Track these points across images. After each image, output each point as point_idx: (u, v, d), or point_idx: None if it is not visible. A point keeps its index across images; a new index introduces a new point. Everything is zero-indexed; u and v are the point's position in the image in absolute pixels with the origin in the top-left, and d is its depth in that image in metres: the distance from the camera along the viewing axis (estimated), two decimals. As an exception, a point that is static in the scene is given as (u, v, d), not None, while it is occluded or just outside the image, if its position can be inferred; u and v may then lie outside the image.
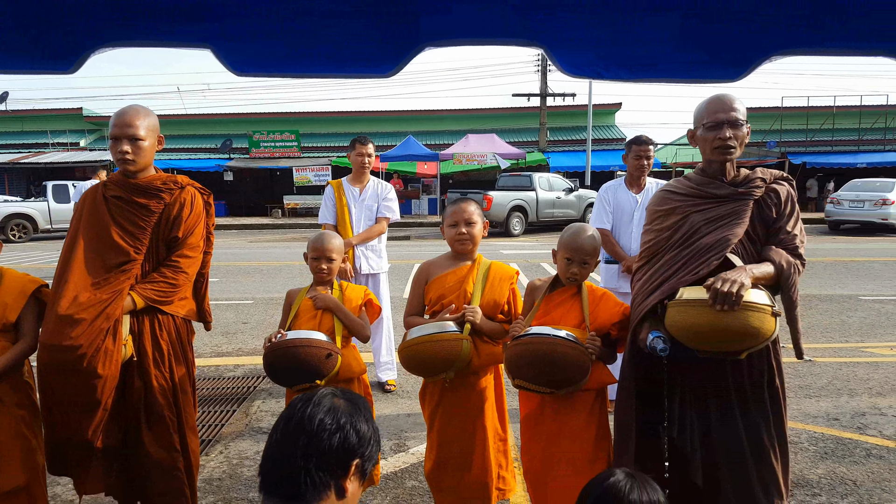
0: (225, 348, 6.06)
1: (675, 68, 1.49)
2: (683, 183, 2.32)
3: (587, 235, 2.41)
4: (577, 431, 2.34)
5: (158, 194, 2.55)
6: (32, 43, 1.39)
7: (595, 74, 1.48)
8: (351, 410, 1.31)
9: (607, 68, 1.47)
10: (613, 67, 1.48)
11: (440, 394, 2.62)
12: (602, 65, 1.46)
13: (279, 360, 2.48)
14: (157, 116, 2.62)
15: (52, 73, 1.44)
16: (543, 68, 26.67)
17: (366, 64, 1.44)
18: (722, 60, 1.47)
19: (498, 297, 2.59)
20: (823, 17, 1.35)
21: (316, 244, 2.78)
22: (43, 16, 1.38)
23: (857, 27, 1.35)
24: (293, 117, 30.94)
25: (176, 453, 2.56)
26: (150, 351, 2.51)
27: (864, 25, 1.34)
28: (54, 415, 2.34)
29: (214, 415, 4.30)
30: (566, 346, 2.18)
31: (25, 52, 1.40)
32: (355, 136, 4.78)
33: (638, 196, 4.11)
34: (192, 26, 1.40)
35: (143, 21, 1.39)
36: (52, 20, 1.39)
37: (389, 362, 4.84)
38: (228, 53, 1.42)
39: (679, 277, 2.12)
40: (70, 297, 2.31)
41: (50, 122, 30.40)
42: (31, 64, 1.41)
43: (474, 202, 2.69)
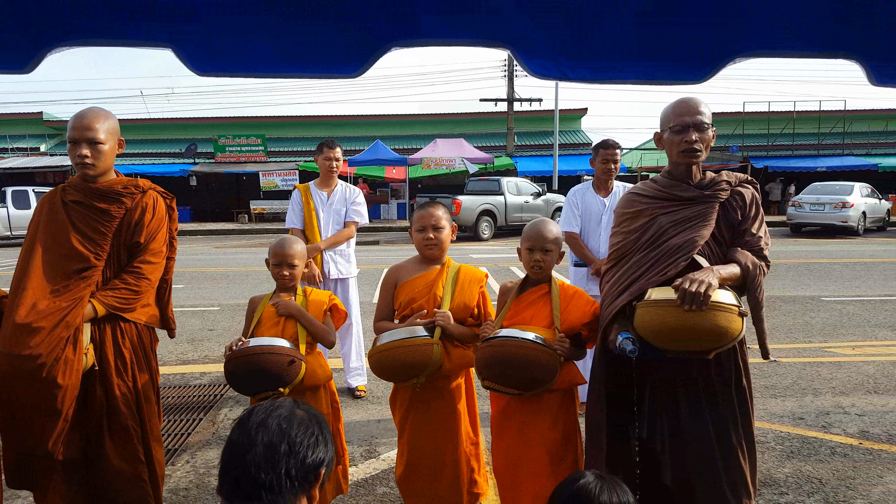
0: (191, 356, 5.94)
1: (639, 70, 1.50)
2: (650, 185, 2.35)
3: (545, 223, 2.47)
4: (542, 431, 2.35)
5: (119, 199, 2.48)
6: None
7: (560, 76, 1.48)
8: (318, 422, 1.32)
9: (572, 69, 1.48)
10: (578, 69, 1.48)
11: (411, 398, 2.60)
12: (567, 66, 1.47)
13: (240, 367, 2.42)
14: (120, 121, 2.55)
15: (6, 72, 1.39)
16: (510, 74, 26.88)
17: (331, 64, 1.41)
18: (686, 63, 1.49)
19: (468, 300, 2.58)
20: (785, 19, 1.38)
21: (277, 249, 2.73)
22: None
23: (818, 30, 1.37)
24: (259, 121, 30.62)
25: (140, 464, 2.49)
26: (112, 359, 2.43)
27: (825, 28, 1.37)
28: (12, 426, 2.25)
29: (180, 423, 4.20)
30: (533, 348, 2.19)
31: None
32: (323, 140, 4.74)
33: (606, 199, 4.15)
34: (152, 25, 1.35)
35: (101, 19, 1.34)
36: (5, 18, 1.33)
37: (359, 368, 4.80)
38: (190, 53, 1.39)
39: (647, 278, 2.14)
40: (28, 304, 2.23)
41: (9, 126, 29.57)
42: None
43: (442, 206, 2.68)
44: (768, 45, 1.42)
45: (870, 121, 27.77)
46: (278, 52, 1.39)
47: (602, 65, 1.49)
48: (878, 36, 1.44)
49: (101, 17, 1.34)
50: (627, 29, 1.43)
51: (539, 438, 2.35)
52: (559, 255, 2.49)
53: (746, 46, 1.43)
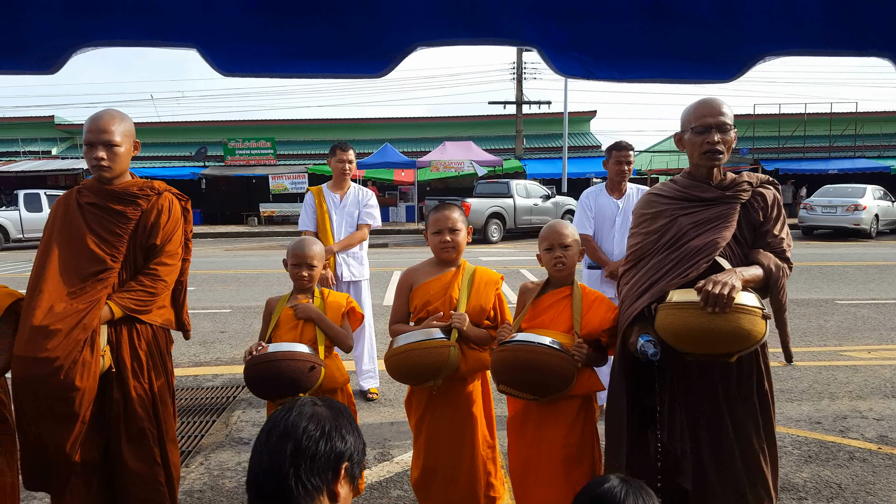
0: (203, 358, 5.95)
1: (666, 69, 1.48)
2: (670, 186, 2.32)
3: (559, 223, 2.49)
4: (559, 436, 2.33)
5: (135, 201, 2.48)
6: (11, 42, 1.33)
7: (587, 75, 1.46)
8: (333, 416, 1.30)
9: (599, 69, 1.46)
10: (605, 68, 1.46)
11: (427, 401, 2.58)
12: (594, 66, 1.45)
13: (261, 373, 2.41)
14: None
15: (31, 73, 1.39)
16: (519, 76, 26.86)
17: (356, 64, 1.40)
18: (714, 62, 1.46)
19: (484, 302, 2.57)
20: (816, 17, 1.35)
21: (296, 250, 2.72)
22: (22, 14, 1.32)
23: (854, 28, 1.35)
24: (269, 125, 30.74)
25: (157, 466, 2.48)
26: (129, 361, 2.43)
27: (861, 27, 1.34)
28: (31, 429, 2.25)
29: (194, 425, 4.20)
30: (550, 354, 2.17)
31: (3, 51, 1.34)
32: (334, 143, 4.74)
33: (619, 201, 4.13)
34: (178, 26, 1.35)
35: (127, 20, 1.33)
36: (31, 19, 1.33)
37: (372, 370, 4.79)
38: (215, 54, 1.38)
39: (668, 280, 2.12)
40: (45, 307, 2.23)
41: (21, 130, 29.84)
42: (9, 64, 1.35)
43: (458, 209, 2.67)
44: (798, 43, 1.39)
45: (882, 123, 27.55)
46: (302, 52, 1.38)
47: (629, 64, 1.46)
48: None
49: (127, 17, 1.34)
50: (655, 27, 1.40)
51: (555, 443, 2.33)
52: (579, 252, 2.47)
53: (777, 45, 1.40)
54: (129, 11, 1.33)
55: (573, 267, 2.46)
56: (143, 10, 1.33)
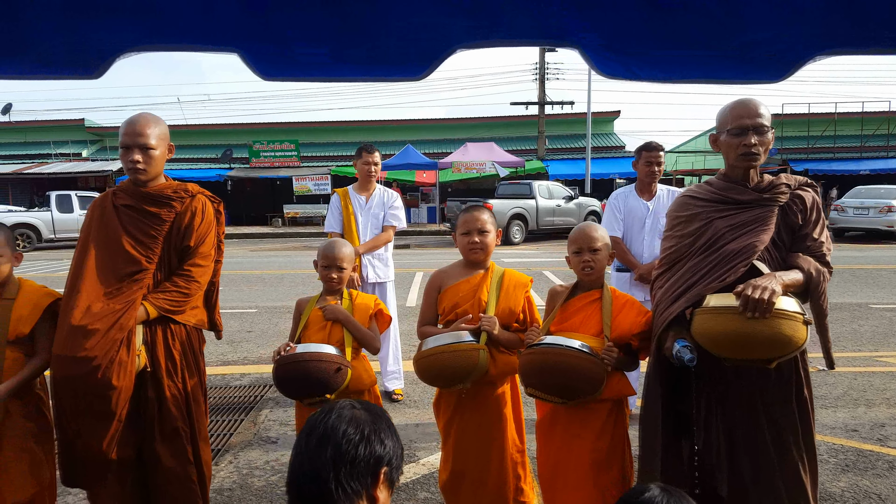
0: (230, 357, 6.01)
1: (712, 69, 1.45)
2: (705, 188, 2.29)
3: (588, 225, 2.46)
4: (588, 440, 2.30)
5: (170, 203, 2.51)
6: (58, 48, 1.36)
7: (630, 75, 1.44)
8: (372, 420, 1.29)
9: (642, 69, 1.43)
10: (648, 68, 1.44)
11: (455, 404, 2.57)
12: (636, 66, 1.43)
13: (289, 373, 2.44)
14: None
15: (77, 77, 1.41)
16: (542, 77, 26.74)
17: (396, 67, 1.40)
18: (762, 61, 1.43)
19: (513, 305, 2.55)
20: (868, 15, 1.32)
21: (327, 252, 2.73)
22: (69, 20, 1.34)
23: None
24: (293, 127, 30.99)
25: (189, 465, 2.51)
26: (164, 361, 2.46)
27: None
28: (69, 427, 2.29)
29: (222, 424, 4.24)
30: (578, 357, 2.15)
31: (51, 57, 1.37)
32: (360, 145, 4.76)
33: (649, 203, 4.07)
34: (219, 30, 1.36)
35: (170, 25, 1.35)
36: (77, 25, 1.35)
37: (396, 371, 4.79)
38: (256, 58, 1.39)
39: (704, 284, 2.09)
40: (83, 307, 2.27)
41: (52, 133, 30.46)
42: (56, 69, 1.38)
43: (487, 210, 2.66)
44: (850, 42, 1.36)
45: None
46: (342, 56, 1.38)
47: (673, 64, 1.44)
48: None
49: (170, 22, 1.35)
50: (700, 27, 1.38)
51: (584, 447, 2.30)
52: (609, 256, 2.44)
53: (827, 44, 1.36)
54: (171, 16, 1.34)
55: (602, 270, 2.44)
56: (185, 15, 1.34)
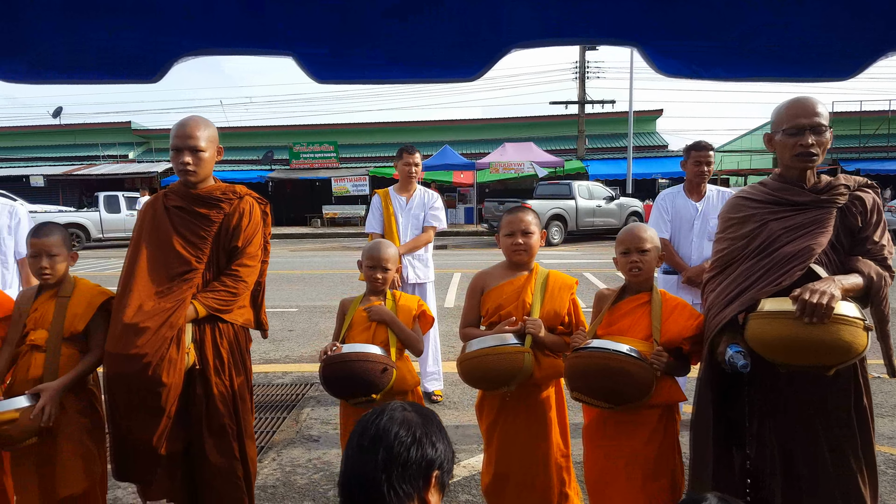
0: (273, 355, 6.11)
1: (779, 67, 1.40)
2: (759, 189, 2.22)
3: (637, 225, 2.42)
4: (637, 447, 2.26)
5: (218, 204, 2.56)
6: (117, 53, 1.39)
7: (692, 74, 1.40)
8: (424, 422, 1.29)
9: (705, 67, 1.39)
10: (712, 67, 1.40)
11: (499, 407, 2.55)
12: (699, 64, 1.39)
13: (336, 373, 2.46)
14: None
15: (136, 82, 1.45)
16: (582, 75, 26.45)
17: (450, 69, 1.39)
18: (833, 58, 1.37)
19: (558, 307, 2.52)
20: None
21: (372, 253, 2.75)
22: (127, 27, 1.37)
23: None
24: (332, 129, 31.35)
25: (236, 461, 2.55)
26: (212, 359, 2.51)
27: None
28: (123, 422, 2.36)
29: (265, 422, 4.31)
30: (626, 361, 2.11)
31: (110, 62, 1.41)
32: (398, 146, 4.77)
33: (698, 204, 3.98)
34: (273, 34, 1.38)
35: (227, 30, 1.37)
36: (136, 30, 1.38)
37: (436, 372, 4.79)
38: (310, 62, 1.40)
39: (759, 288, 2.03)
40: (135, 305, 2.33)
41: (100, 135, 31.43)
42: (116, 74, 1.42)
43: (532, 211, 2.63)
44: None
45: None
46: (397, 58, 1.38)
47: (739, 62, 1.40)
48: None
49: (227, 27, 1.38)
50: (768, 24, 1.33)
51: (633, 454, 2.25)
52: (658, 258, 2.39)
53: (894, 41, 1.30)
54: (228, 20, 1.36)
55: (651, 272, 2.39)
56: (241, 20, 1.36)
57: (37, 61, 1.34)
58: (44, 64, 1.35)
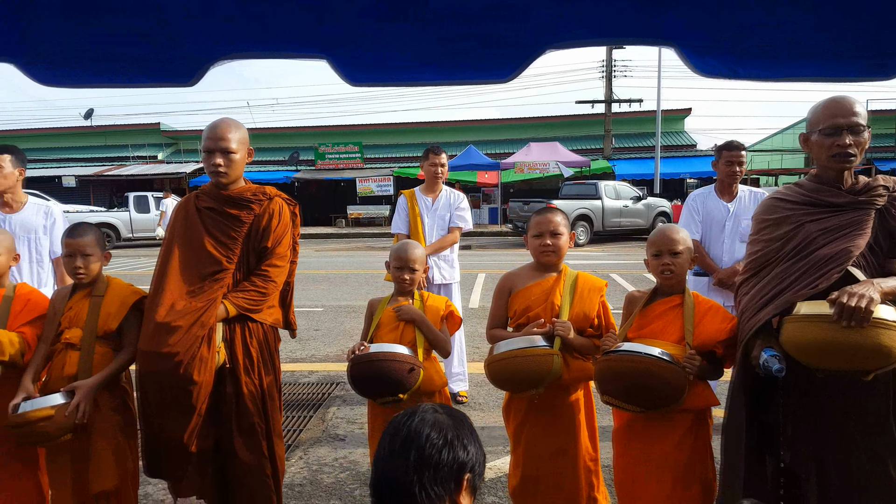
0: (299, 354, 6.16)
1: (821, 67, 1.36)
2: (794, 190, 2.18)
3: (669, 227, 2.39)
4: (667, 452, 2.22)
5: (249, 205, 2.58)
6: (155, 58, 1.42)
7: (730, 73, 1.37)
8: (455, 424, 1.28)
9: (744, 67, 1.37)
10: (750, 66, 1.37)
11: (526, 410, 2.54)
12: (737, 64, 1.36)
13: (363, 372, 2.47)
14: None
15: (172, 85, 1.48)
16: (609, 74, 26.23)
17: (483, 71, 1.39)
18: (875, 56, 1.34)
19: (587, 309, 2.49)
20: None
21: (399, 254, 2.76)
22: (164, 31, 1.40)
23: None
24: (356, 129, 31.54)
25: (264, 459, 2.58)
26: (241, 358, 2.54)
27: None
28: (155, 420, 2.39)
29: (292, 420, 4.35)
30: (658, 365, 2.08)
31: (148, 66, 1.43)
32: (423, 146, 4.78)
33: (730, 204, 3.91)
34: (308, 38, 1.39)
35: (262, 34, 1.39)
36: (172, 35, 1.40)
37: (461, 373, 4.79)
38: (345, 64, 1.41)
39: (794, 291, 1.98)
40: (167, 304, 2.36)
41: (130, 136, 32.01)
42: (154, 77, 1.44)
43: (560, 212, 2.61)
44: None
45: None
46: (430, 60, 1.38)
47: (778, 62, 1.36)
48: None
49: (263, 31, 1.39)
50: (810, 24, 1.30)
51: (663, 459, 2.22)
52: (690, 260, 2.36)
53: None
54: (262, 26, 1.37)
55: (683, 275, 2.35)
56: (277, 24, 1.37)
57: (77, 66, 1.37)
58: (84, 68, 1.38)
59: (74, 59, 1.38)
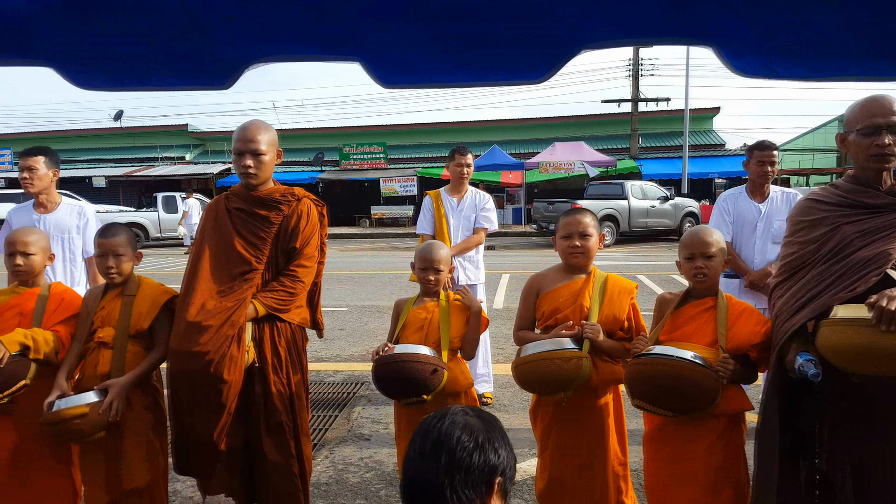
0: (324, 354, 6.20)
1: (867, 67, 1.32)
2: (831, 191, 2.13)
3: (703, 228, 2.35)
4: (699, 458, 2.18)
5: (278, 206, 2.61)
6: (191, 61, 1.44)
7: (770, 73, 1.34)
8: (486, 428, 1.27)
9: (784, 67, 1.33)
10: (791, 66, 1.33)
11: (554, 413, 2.52)
12: (778, 63, 1.33)
13: (386, 373, 2.48)
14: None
15: (208, 88, 1.49)
16: (636, 73, 25.97)
17: (516, 72, 1.37)
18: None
19: (617, 311, 2.46)
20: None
21: (423, 255, 2.76)
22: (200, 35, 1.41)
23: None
24: (381, 130, 31.68)
25: (292, 458, 2.60)
26: (270, 357, 2.56)
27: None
28: (183, 417, 2.43)
29: (318, 419, 4.37)
30: (691, 369, 2.05)
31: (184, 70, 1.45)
32: (447, 146, 4.78)
33: (762, 205, 3.84)
34: (341, 41, 1.39)
35: (296, 37, 1.39)
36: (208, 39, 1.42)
37: (486, 374, 4.77)
38: (377, 67, 1.41)
39: (831, 294, 1.93)
40: (198, 304, 2.39)
41: (159, 137, 32.55)
42: (189, 81, 1.46)
43: (590, 213, 2.59)
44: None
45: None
46: (462, 63, 1.37)
47: (820, 62, 1.33)
48: None
49: (296, 34, 1.40)
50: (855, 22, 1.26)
51: (695, 465, 2.18)
52: (723, 262, 2.31)
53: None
54: (296, 30, 1.38)
55: (716, 278, 2.31)
56: (309, 29, 1.38)
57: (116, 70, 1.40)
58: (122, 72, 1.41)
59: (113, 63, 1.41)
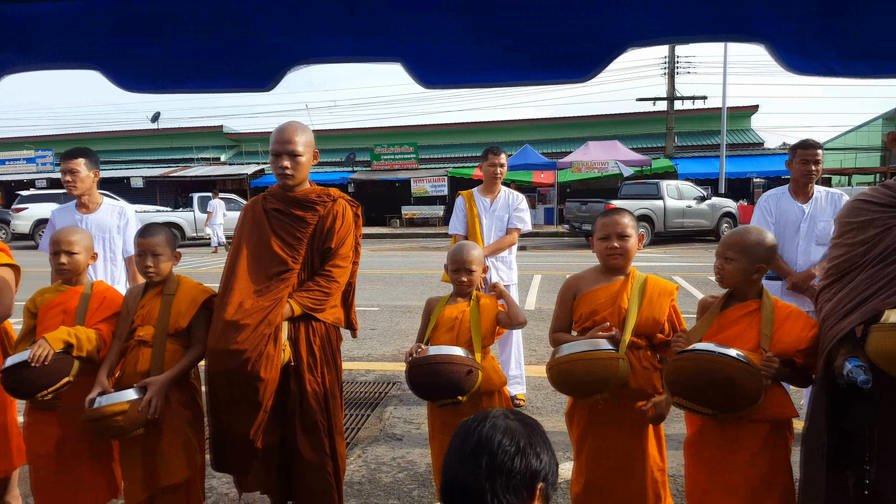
0: (356, 353, 6.23)
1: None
2: (881, 192, 2.05)
3: (747, 228, 2.31)
4: (740, 465, 2.12)
5: (314, 207, 2.62)
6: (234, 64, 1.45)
7: (826, 71, 1.28)
8: (528, 432, 1.25)
9: (842, 64, 1.28)
10: (850, 63, 1.28)
11: (590, 416, 2.47)
12: (835, 61, 1.27)
13: (421, 375, 2.47)
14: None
15: (251, 91, 1.51)
16: (671, 71, 25.56)
17: (560, 70, 1.35)
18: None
19: (657, 314, 2.41)
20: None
21: (456, 256, 2.75)
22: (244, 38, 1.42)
23: None
24: (412, 130, 31.78)
25: (326, 457, 2.61)
26: (305, 356, 2.58)
27: None
28: (221, 415, 2.46)
29: (351, 418, 4.40)
30: (734, 366, 1.98)
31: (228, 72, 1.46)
32: (480, 146, 4.76)
33: (805, 206, 3.73)
34: (382, 42, 1.38)
35: (339, 38, 1.39)
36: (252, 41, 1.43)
37: (519, 376, 4.73)
38: (419, 67, 1.40)
39: (882, 298, 1.87)
40: (236, 303, 2.42)
41: (194, 138, 33.18)
42: (233, 83, 1.47)
43: (629, 213, 2.54)
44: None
45: None
46: (503, 62, 1.35)
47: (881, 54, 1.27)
48: None
49: (339, 36, 1.40)
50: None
51: (735, 478, 2.12)
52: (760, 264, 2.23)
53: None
54: (338, 31, 1.38)
55: (737, 279, 2.24)
56: (351, 29, 1.37)
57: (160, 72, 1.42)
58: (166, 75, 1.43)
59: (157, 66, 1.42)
